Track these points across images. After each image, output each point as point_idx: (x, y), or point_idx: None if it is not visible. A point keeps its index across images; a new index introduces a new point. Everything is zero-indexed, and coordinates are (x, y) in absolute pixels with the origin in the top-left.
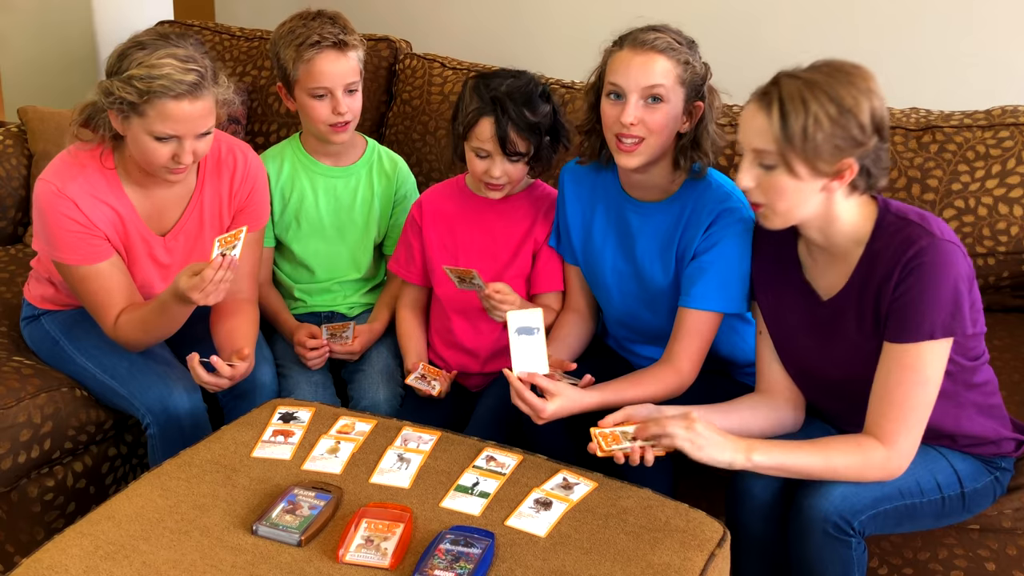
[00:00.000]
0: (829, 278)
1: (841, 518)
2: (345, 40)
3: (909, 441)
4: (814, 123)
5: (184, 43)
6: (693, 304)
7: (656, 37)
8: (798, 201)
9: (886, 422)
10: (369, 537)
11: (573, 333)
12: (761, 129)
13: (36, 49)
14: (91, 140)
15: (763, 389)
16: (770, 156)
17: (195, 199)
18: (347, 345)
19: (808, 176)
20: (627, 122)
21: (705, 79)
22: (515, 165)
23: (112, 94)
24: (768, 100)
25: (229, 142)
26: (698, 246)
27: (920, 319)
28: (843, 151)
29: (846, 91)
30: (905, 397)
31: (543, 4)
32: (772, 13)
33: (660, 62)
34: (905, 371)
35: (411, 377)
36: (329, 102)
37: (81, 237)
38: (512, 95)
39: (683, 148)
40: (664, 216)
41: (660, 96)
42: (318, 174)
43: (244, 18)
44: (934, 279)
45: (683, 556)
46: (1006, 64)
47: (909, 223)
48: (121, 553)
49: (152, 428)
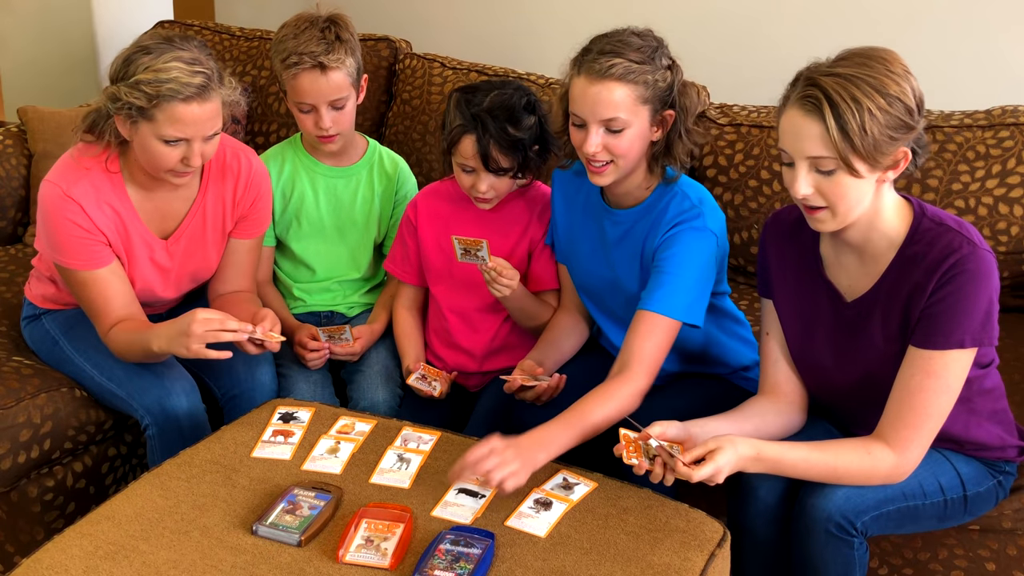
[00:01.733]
0: (855, 278)
1: (844, 518)
2: (324, 62)
3: (920, 448)
4: (869, 118)
5: (189, 45)
6: (645, 305)
7: (611, 65)
8: (857, 199)
9: (903, 427)
10: (369, 537)
11: (564, 335)
12: (816, 135)
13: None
14: (96, 145)
15: (767, 391)
16: (828, 162)
17: (198, 203)
18: (348, 346)
19: (868, 173)
20: (590, 152)
21: (673, 85)
22: (501, 179)
23: (119, 100)
24: (816, 104)
25: (234, 146)
26: (656, 249)
27: (953, 327)
28: (897, 140)
29: (887, 78)
30: (925, 404)
31: (543, 4)
32: (771, 13)
33: (617, 92)
34: (929, 377)
35: (412, 378)
36: (313, 116)
37: (84, 242)
38: (494, 111)
39: (655, 156)
40: (636, 224)
41: (619, 126)
42: (319, 174)
43: (244, 18)
44: (972, 288)
45: (683, 556)
46: (1006, 64)
47: (948, 229)
48: (121, 553)
49: (151, 429)
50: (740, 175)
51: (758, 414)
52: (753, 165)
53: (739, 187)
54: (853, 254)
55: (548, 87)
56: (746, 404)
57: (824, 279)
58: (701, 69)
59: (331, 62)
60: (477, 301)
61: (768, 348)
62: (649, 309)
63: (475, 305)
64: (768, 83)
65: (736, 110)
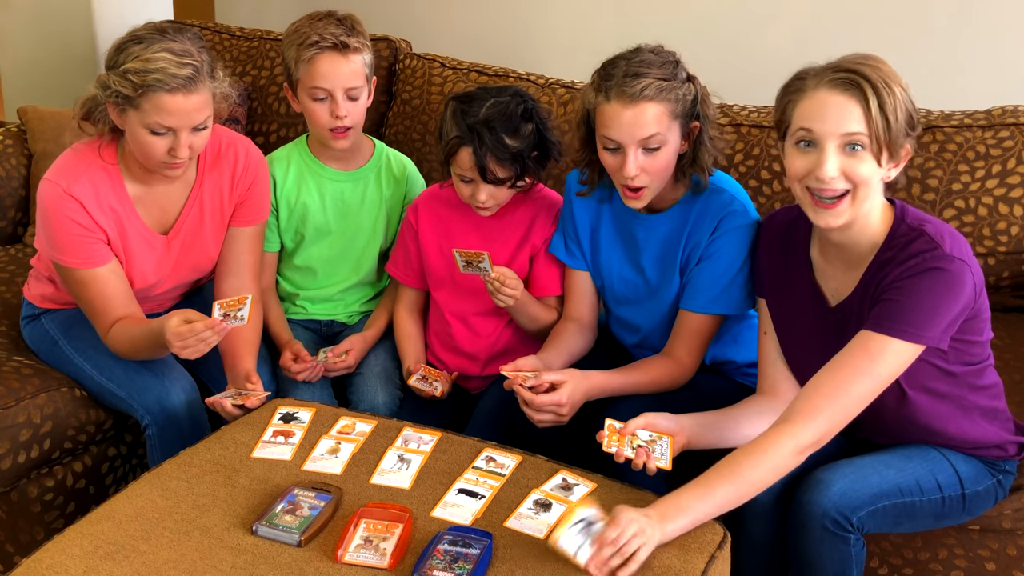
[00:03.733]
0: (840, 283)
1: (839, 514)
2: (347, 42)
3: (818, 428)
4: (898, 104)
5: (181, 38)
6: (696, 308)
7: (644, 85)
8: (874, 187)
9: (815, 396)
10: (368, 537)
11: (570, 341)
12: (855, 113)
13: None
14: (92, 134)
15: (765, 390)
16: (862, 138)
17: (195, 194)
18: (342, 362)
19: (886, 162)
20: (630, 175)
21: (696, 98)
22: (500, 188)
23: (109, 87)
24: (855, 84)
25: (229, 136)
26: (704, 250)
27: (897, 315)
28: (909, 136)
29: (894, 76)
30: (846, 379)
31: (543, 4)
32: (772, 13)
33: (651, 111)
34: (860, 355)
35: (413, 379)
36: (328, 105)
37: (84, 240)
38: (491, 122)
39: (683, 167)
40: (669, 225)
41: (656, 144)
42: (326, 179)
43: (244, 18)
44: (931, 287)
45: (683, 558)
46: (1006, 64)
47: (922, 234)
48: (121, 553)
49: (151, 429)
50: (740, 175)
51: (755, 413)
52: (753, 165)
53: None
54: (840, 258)
55: (548, 87)
56: (745, 403)
57: (813, 284)
58: (701, 69)
59: (352, 43)
60: (479, 306)
61: (766, 348)
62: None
63: (477, 309)
64: (768, 83)
65: (736, 110)
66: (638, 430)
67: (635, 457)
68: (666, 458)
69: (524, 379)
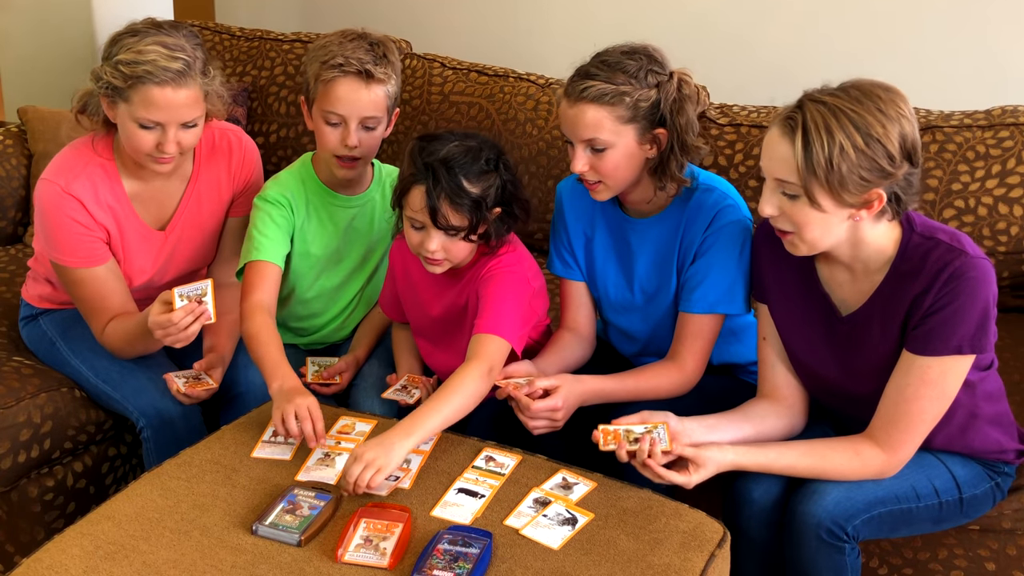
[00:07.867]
0: (848, 293)
1: (835, 523)
2: (372, 71)
3: (911, 449)
4: (839, 153)
5: (176, 33)
6: (695, 309)
7: (585, 87)
8: (823, 231)
9: (896, 431)
10: (368, 537)
11: (567, 350)
12: (784, 158)
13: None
14: (88, 128)
15: (766, 394)
16: (792, 187)
17: (192, 187)
18: (337, 385)
19: (833, 208)
20: (576, 171)
21: (660, 104)
22: (453, 240)
23: (101, 79)
24: (791, 127)
25: (221, 127)
26: (698, 249)
27: (951, 334)
28: (870, 183)
29: (874, 118)
30: (921, 411)
31: (543, 4)
32: (772, 13)
33: (590, 113)
34: (925, 385)
35: (389, 391)
36: (340, 131)
37: (83, 239)
38: (449, 162)
39: (652, 172)
40: (662, 227)
41: (601, 146)
42: (336, 206)
43: (244, 18)
44: (970, 296)
45: (683, 557)
46: (1006, 64)
47: (939, 243)
48: (121, 553)
49: (146, 431)
50: (740, 175)
51: (758, 416)
52: (753, 165)
53: (739, 187)
54: (845, 271)
55: (548, 87)
56: (747, 405)
57: (820, 292)
58: (701, 69)
59: (378, 72)
60: (460, 359)
61: (765, 353)
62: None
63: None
64: (768, 83)
65: (736, 110)
66: (632, 425)
67: (640, 445)
68: (665, 442)
69: (517, 386)
